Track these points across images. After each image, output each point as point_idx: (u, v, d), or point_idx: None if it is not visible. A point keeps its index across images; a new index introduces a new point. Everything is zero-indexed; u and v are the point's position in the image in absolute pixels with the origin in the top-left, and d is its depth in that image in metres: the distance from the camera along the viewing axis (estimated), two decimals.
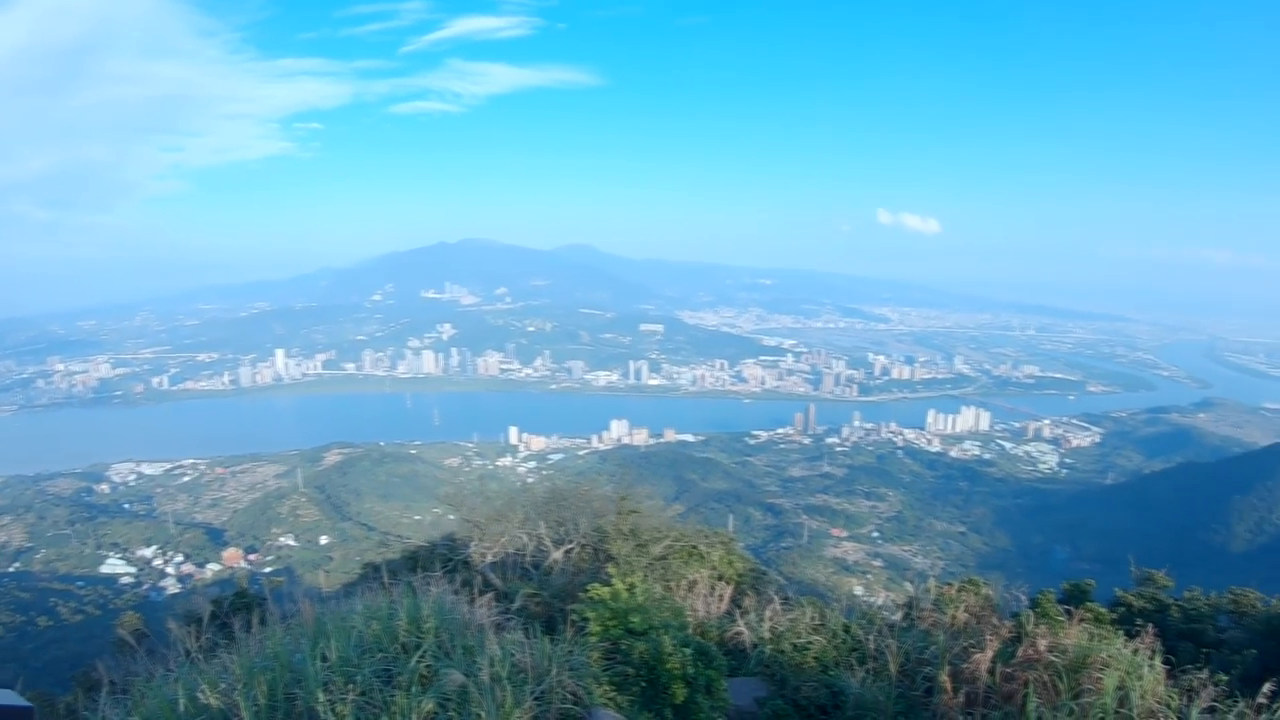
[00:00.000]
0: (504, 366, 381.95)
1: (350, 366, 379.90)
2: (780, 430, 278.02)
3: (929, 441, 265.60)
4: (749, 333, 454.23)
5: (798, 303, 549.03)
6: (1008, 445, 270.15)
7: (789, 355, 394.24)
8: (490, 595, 10.58)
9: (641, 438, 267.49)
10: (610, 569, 12.20)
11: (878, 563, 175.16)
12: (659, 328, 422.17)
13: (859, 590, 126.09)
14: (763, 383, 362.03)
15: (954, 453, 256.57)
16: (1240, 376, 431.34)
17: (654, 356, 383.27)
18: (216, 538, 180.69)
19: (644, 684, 9.49)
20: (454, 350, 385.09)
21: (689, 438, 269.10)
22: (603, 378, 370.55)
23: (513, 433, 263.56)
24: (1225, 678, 9.20)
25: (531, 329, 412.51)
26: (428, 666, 7.66)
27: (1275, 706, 7.97)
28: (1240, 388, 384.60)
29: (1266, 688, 8.24)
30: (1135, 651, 9.34)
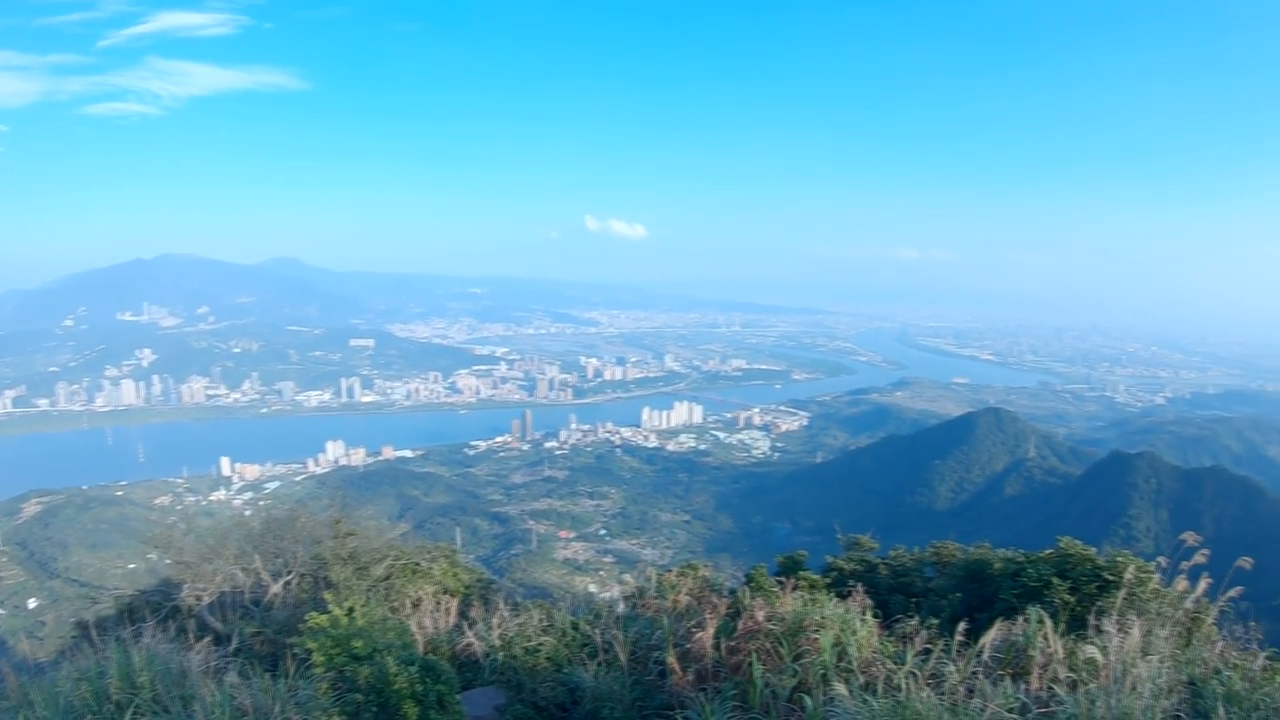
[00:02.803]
0: (210, 392, 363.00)
1: (43, 402, 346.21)
2: (499, 439, 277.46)
3: (646, 438, 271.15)
4: (462, 343, 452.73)
5: (509, 310, 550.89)
6: (722, 435, 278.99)
7: (503, 363, 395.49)
8: (208, 639, 10.17)
9: (359, 457, 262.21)
10: (327, 595, 11.79)
11: (609, 559, 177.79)
12: (370, 342, 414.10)
13: (593, 588, 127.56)
14: (478, 392, 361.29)
15: (671, 446, 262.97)
16: (931, 357, 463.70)
17: (366, 373, 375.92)
18: None
19: (375, 709, 9.21)
20: (156, 378, 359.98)
21: (408, 453, 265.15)
22: (315, 398, 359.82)
23: (224, 463, 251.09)
24: (935, 621, 9.80)
25: (238, 350, 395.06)
26: None
27: (973, 641, 8.48)
28: (932, 367, 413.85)
29: (962, 626, 8.77)
30: (848, 610, 9.75)
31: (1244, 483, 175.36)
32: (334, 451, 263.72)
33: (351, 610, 10.62)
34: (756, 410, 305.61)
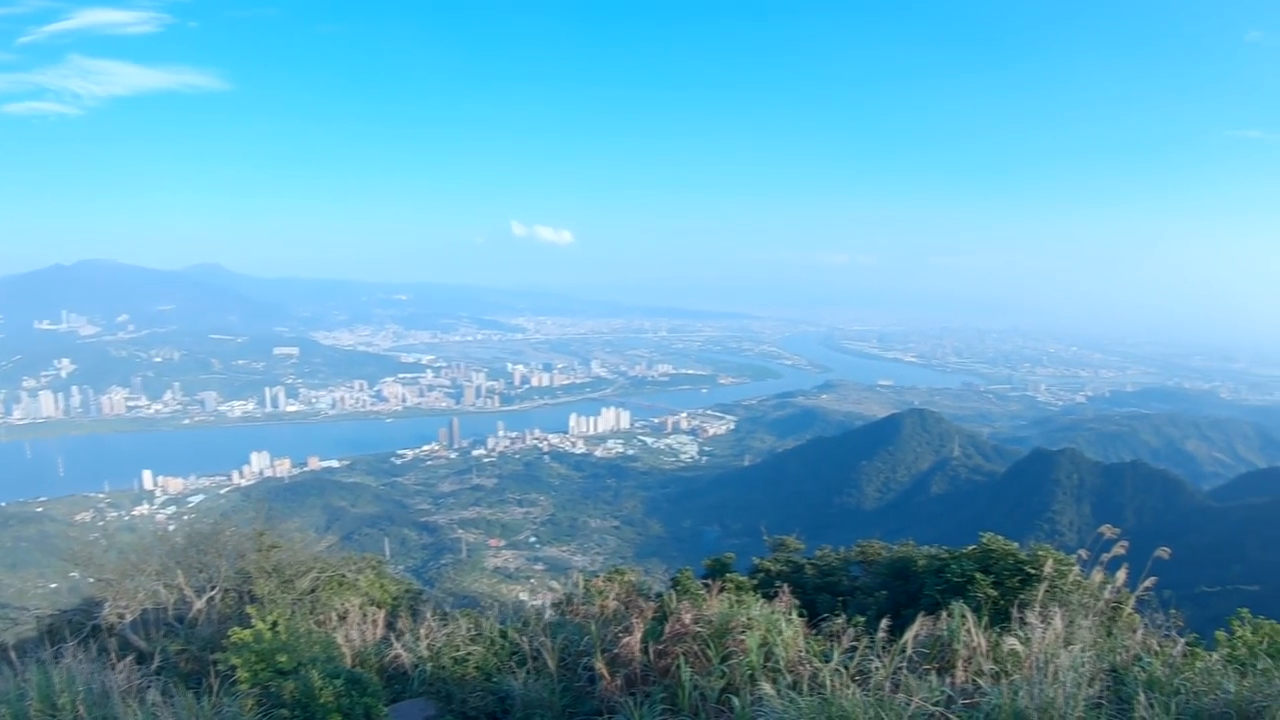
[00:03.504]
0: (131, 403, 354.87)
1: None
2: (426, 447, 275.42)
3: (574, 444, 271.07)
4: (387, 350, 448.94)
5: (435, 317, 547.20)
6: (650, 440, 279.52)
7: (429, 371, 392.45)
8: (131, 658, 9.94)
9: (285, 468, 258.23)
10: (251, 610, 11.57)
11: (539, 567, 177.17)
12: (294, 351, 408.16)
13: (524, 596, 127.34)
14: (404, 400, 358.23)
15: (599, 452, 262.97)
16: (856, 360, 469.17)
17: (291, 381, 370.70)
18: None
19: None
20: (75, 389, 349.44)
21: (334, 463, 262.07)
22: (238, 408, 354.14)
23: (147, 477, 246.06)
24: (862, 619, 9.83)
25: (159, 359, 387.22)
26: None
27: (898, 637, 8.53)
28: (857, 370, 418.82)
29: (885, 622, 8.84)
30: (774, 611, 9.79)
31: (1163, 476, 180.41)
32: (259, 463, 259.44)
33: (276, 624, 10.44)
34: (684, 415, 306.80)
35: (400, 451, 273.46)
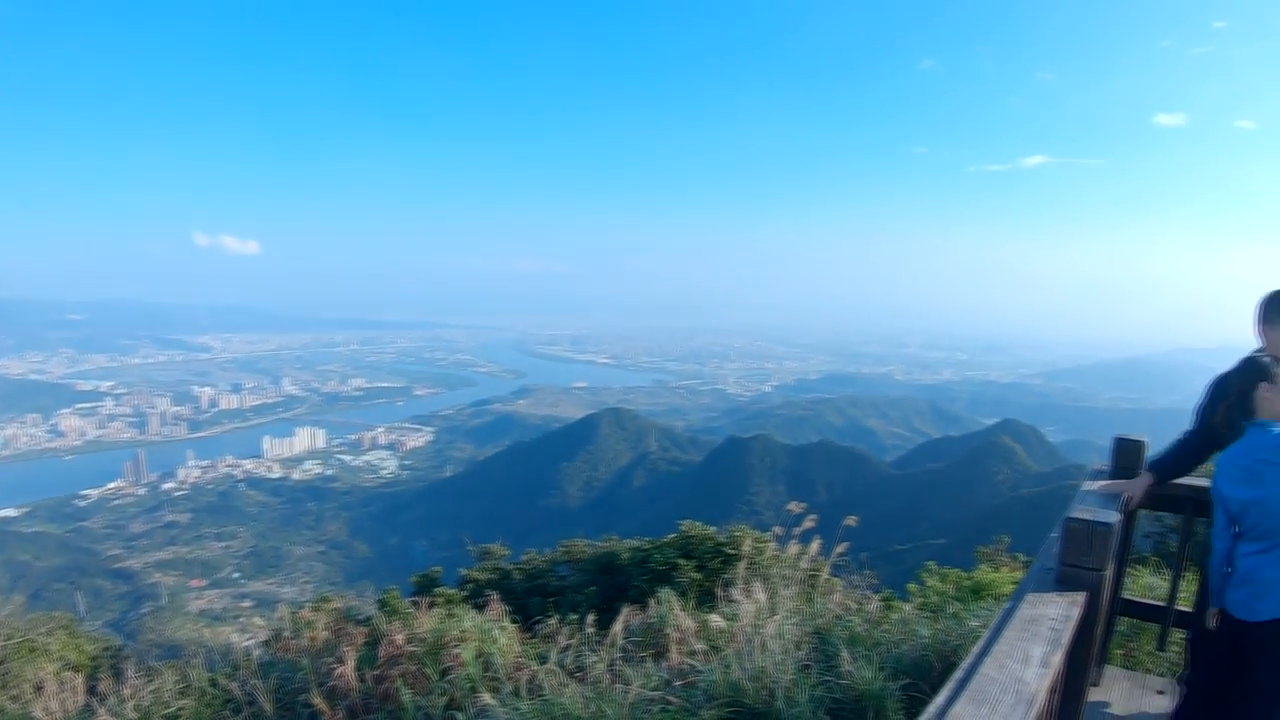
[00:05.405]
0: None
1: None
2: (112, 484, 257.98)
3: (270, 468, 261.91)
4: (62, 378, 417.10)
5: (113, 339, 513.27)
6: (348, 458, 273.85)
7: (109, 399, 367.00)
8: None
9: None
10: None
11: (247, 604, 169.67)
12: None
13: (235, 637, 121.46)
14: (84, 434, 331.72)
15: (296, 475, 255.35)
16: (550, 364, 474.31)
17: None
18: None
19: None
20: None
21: (11, 512, 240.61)
22: None
23: None
24: (575, 617, 9.88)
25: None
26: None
27: (609, 629, 8.63)
28: (552, 373, 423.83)
29: (591, 617, 8.97)
30: (486, 620, 9.73)
31: (849, 452, 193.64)
32: None
33: None
34: (381, 429, 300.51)
35: (84, 492, 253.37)
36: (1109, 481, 6.18)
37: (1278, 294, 5.76)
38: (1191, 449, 6.18)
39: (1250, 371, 5.22)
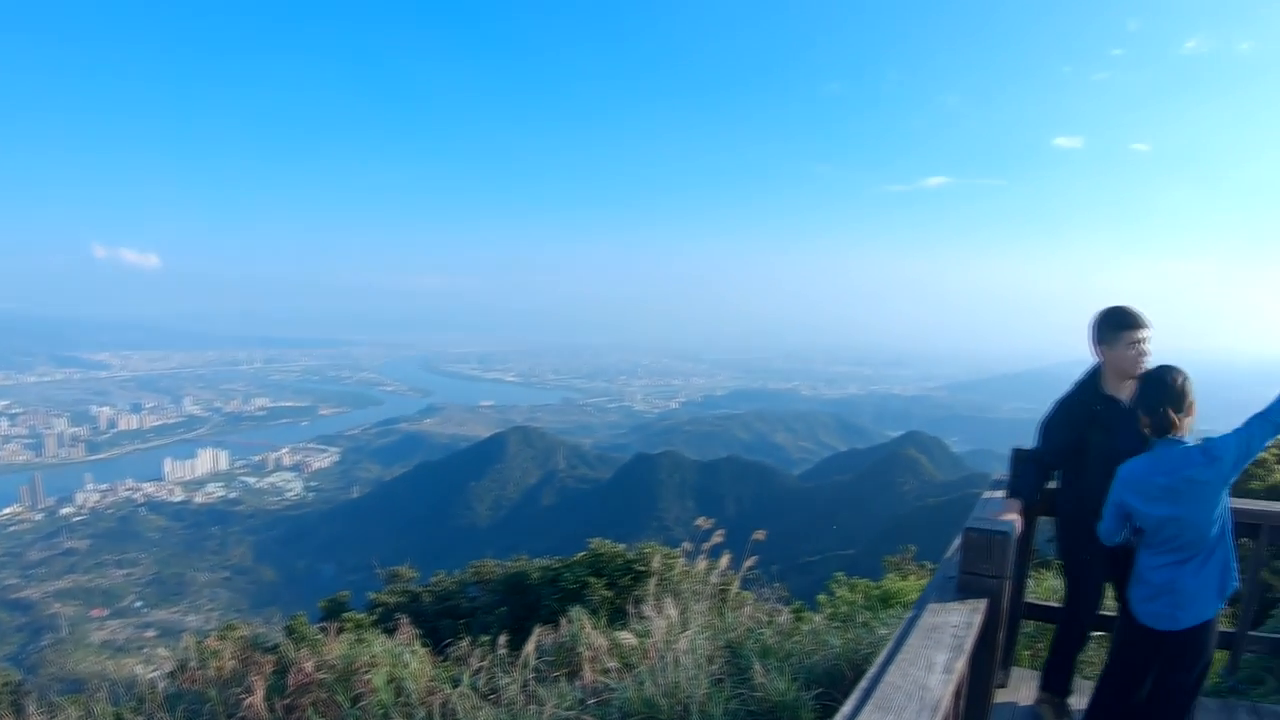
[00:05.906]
0: None
1: None
2: (7, 510, 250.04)
3: (171, 492, 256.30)
4: None
5: (6, 355, 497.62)
6: (252, 480, 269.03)
7: (3, 419, 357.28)
8: None
9: None
10: None
11: (151, 633, 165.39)
12: None
13: (139, 669, 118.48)
14: None
15: (199, 498, 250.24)
16: (457, 382, 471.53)
17: None
18: None
19: None
20: None
21: None
22: None
23: None
24: (486, 638, 9.81)
25: None
26: None
27: (516, 650, 8.63)
28: (459, 392, 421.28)
29: (503, 639, 8.95)
30: (396, 645, 9.63)
31: (758, 466, 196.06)
32: None
33: None
34: (286, 450, 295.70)
35: None
36: (1003, 507, 6.31)
37: (1111, 311, 6.00)
38: (1046, 470, 6.32)
39: (1157, 386, 5.31)
